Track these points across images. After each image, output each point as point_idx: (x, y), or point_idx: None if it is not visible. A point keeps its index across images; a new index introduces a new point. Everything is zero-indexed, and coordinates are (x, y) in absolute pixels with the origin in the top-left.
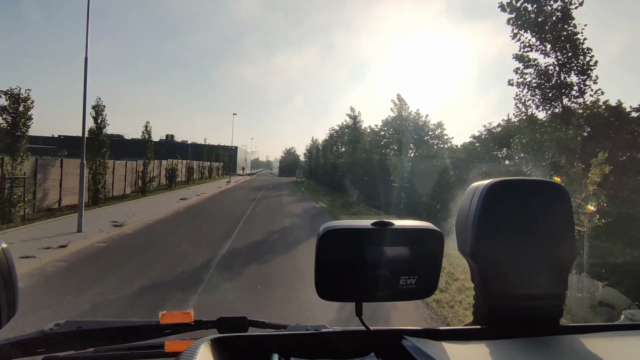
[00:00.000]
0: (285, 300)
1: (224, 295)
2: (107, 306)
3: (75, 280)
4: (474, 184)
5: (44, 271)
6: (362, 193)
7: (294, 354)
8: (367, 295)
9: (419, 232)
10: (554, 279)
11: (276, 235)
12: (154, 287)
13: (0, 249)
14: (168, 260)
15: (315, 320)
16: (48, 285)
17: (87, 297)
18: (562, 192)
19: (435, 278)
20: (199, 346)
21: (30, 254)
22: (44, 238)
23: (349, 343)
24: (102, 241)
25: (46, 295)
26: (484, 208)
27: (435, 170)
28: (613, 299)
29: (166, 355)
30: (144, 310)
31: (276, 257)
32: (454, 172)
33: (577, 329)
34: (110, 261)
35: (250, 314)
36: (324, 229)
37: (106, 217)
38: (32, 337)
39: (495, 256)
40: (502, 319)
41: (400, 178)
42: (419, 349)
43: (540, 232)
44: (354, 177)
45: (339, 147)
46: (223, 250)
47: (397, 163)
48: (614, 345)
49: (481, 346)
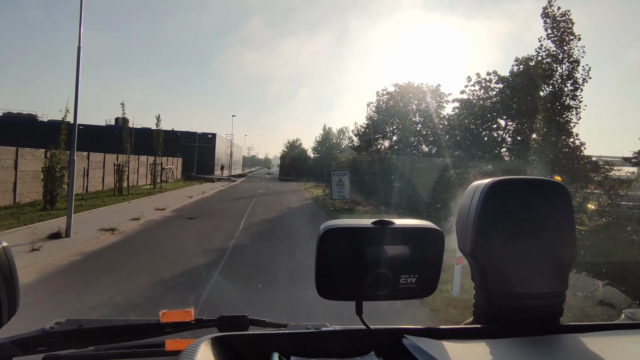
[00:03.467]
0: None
1: None
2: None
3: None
4: (474, 182)
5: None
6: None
7: (294, 353)
8: (368, 294)
9: (420, 231)
10: (555, 278)
11: None
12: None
13: (0, 247)
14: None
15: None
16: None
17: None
18: (563, 191)
19: (435, 277)
20: (200, 345)
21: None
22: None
23: (350, 342)
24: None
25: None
26: (485, 207)
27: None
28: (613, 298)
29: (167, 353)
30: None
31: None
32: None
33: (578, 328)
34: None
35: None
36: (324, 228)
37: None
38: (32, 335)
39: (495, 255)
40: (502, 318)
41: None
42: (419, 347)
43: (541, 231)
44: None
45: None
46: None
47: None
48: (614, 344)
49: (482, 345)
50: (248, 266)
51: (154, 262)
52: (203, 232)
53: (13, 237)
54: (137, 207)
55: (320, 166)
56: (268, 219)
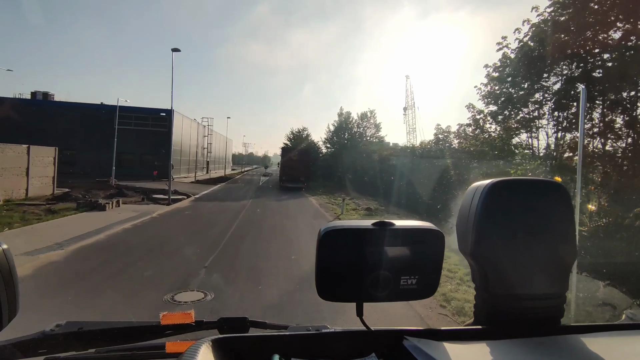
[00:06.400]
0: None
1: None
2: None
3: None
4: (474, 183)
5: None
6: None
7: (295, 355)
8: (368, 295)
9: (420, 232)
10: (555, 279)
11: None
12: None
13: (0, 249)
14: None
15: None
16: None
17: None
18: (562, 192)
19: (436, 278)
20: (200, 347)
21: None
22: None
23: (350, 343)
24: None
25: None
26: (485, 208)
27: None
28: (614, 299)
29: (167, 356)
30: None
31: None
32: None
33: (578, 329)
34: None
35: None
36: (325, 229)
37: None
38: (33, 338)
39: (496, 256)
40: (502, 319)
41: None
42: (419, 349)
43: (541, 232)
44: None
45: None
46: None
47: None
48: (615, 344)
49: (482, 346)
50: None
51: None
52: None
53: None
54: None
55: (337, 165)
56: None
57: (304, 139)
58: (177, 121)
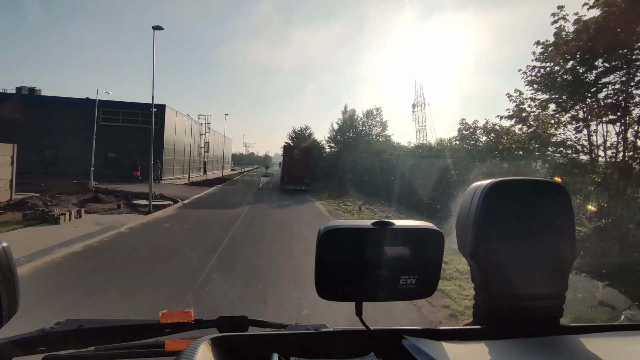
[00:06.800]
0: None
1: None
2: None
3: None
4: (474, 183)
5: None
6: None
7: (294, 354)
8: (367, 295)
9: (419, 231)
10: (555, 279)
11: None
12: None
13: (0, 247)
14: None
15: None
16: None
17: None
18: (562, 192)
19: (435, 278)
20: (199, 345)
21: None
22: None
23: (349, 343)
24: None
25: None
26: (485, 208)
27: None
28: (613, 299)
29: (166, 354)
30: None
31: None
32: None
33: (578, 329)
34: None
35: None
36: (324, 228)
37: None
38: (32, 335)
39: (495, 256)
40: (502, 319)
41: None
42: (419, 348)
43: (541, 232)
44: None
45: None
46: None
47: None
48: (614, 345)
49: (481, 346)
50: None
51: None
52: None
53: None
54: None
55: (342, 165)
56: None
57: (306, 137)
58: (170, 117)
